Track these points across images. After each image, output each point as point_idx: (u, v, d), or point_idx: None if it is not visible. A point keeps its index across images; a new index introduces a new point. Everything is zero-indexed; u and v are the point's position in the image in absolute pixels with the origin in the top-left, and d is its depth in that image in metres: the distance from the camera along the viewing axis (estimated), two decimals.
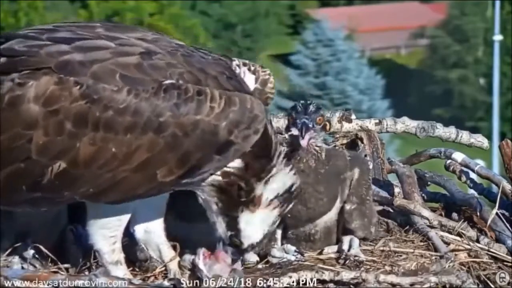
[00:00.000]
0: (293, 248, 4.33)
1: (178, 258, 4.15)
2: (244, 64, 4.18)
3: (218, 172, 3.86)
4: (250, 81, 4.17)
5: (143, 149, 3.67)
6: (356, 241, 4.37)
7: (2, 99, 3.67)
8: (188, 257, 4.14)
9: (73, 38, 3.81)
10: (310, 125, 4.25)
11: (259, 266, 4.24)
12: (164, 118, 3.67)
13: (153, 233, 4.16)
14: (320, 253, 4.37)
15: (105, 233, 3.97)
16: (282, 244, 4.41)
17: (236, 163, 3.86)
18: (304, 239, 4.45)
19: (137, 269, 4.25)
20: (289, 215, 4.24)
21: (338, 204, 4.44)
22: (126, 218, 3.99)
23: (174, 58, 3.81)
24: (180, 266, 4.12)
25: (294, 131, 4.22)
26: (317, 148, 4.33)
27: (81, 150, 3.66)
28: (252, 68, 4.21)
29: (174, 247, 4.21)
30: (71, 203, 3.90)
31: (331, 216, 4.44)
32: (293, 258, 4.26)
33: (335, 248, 4.38)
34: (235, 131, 3.73)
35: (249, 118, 3.75)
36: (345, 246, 4.35)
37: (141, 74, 3.71)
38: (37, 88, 3.68)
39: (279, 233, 4.43)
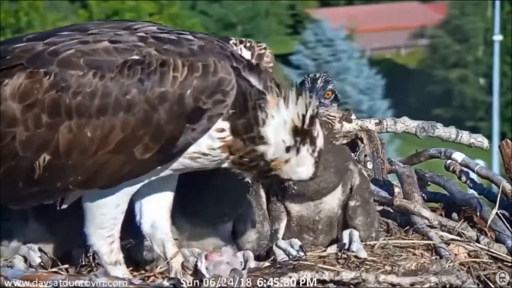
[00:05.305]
0: (299, 243, 4.32)
1: (181, 256, 4.15)
2: (241, 42, 4.14)
3: (216, 145, 3.79)
4: (246, 57, 4.10)
5: (117, 130, 3.66)
6: (355, 234, 4.37)
7: None
8: (192, 258, 4.14)
9: (49, 35, 3.84)
10: (317, 103, 4.23)
11: (259, 266, 4.24)
12: (131, 95, 3.66)
13: (159, 228, 4.14)
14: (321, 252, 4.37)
15: (102, 233, 3.96)
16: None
17: (225, 127, 3.78)
18: (307, 229, 4.45)
19: (139, 269, 4.25)
20: (295, 187, 4.25)
21: (340, 195, 4.45)
22: (121, 216, 3.98)
23: (143, 41, 3.78)
24: (183, 267, 4.12)
25: None
26: (331, 117, 4.33)
27: (60, 140, 3.68)
28: (248, 44, 4.16)
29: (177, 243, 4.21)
30: (67, 193, 3.88)
31: (333, 206, 4.45)
32: (295, 253, 4.26)
33: (336, 247, 4.38)
34: (202, 97, 3.68)
35: (213, 82, 3.69)
36: (345, 240, 4.35)
37: (107, 56, 3.71)
38: (11, 85, 3.72)
39: (281, 232, 4.44)
